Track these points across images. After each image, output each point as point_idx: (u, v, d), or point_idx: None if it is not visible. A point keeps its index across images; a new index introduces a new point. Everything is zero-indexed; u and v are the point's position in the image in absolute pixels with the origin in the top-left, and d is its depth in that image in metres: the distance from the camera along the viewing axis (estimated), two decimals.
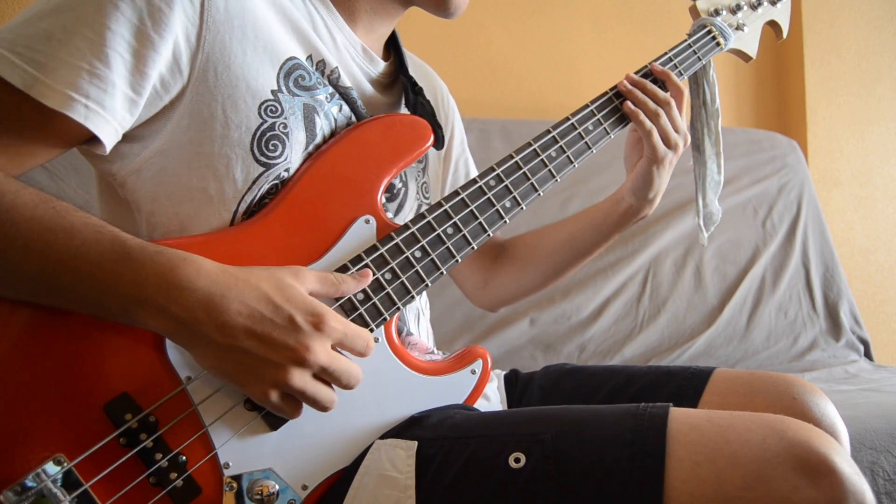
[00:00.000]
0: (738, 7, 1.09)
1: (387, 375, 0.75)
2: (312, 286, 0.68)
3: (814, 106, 2.37)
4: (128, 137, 0.72)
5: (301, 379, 0.64)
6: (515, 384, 1.03)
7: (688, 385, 0.91)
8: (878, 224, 2.44)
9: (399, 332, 0.84)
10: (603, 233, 1.04)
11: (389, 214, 0.88)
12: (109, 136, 0.68)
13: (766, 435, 0.62)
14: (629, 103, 0.95)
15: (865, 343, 2.04)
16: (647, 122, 0.94)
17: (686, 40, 1.04)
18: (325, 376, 0.66)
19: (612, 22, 2.20)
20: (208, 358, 0.64)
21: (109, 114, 0.67)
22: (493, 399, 0.98)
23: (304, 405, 0.68)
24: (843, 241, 2.35)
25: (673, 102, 0.96)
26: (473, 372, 0.81)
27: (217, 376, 0.66)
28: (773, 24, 1.15)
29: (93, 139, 0.68)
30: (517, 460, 0.66)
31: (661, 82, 0.99)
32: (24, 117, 0.65)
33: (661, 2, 2.23)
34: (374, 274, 0.75)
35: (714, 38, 1.05)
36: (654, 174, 0.97)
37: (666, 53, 1.02)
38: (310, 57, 0.80)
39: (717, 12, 1.08)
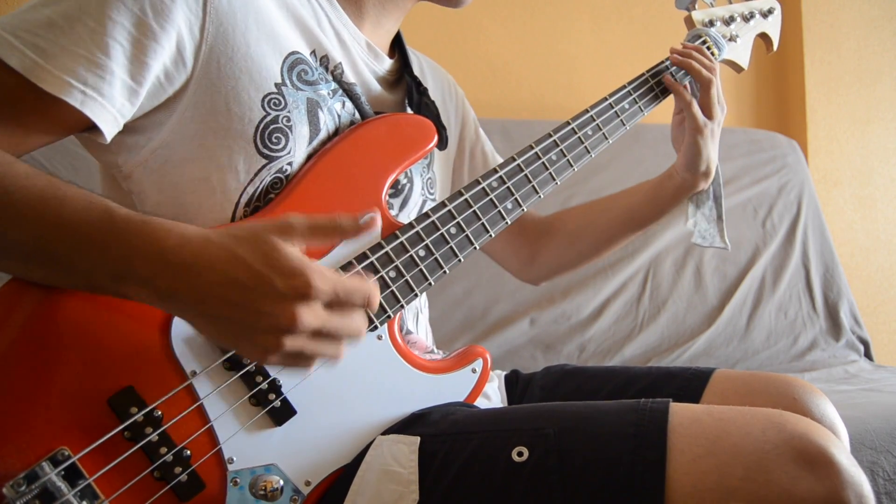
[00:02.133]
0: (732, 19, 1.13)
1: (390, 373, 0.76)
2: (300, 228, 0.62)
3: (814, 106, 2.37)
4: (132, 129, 0.72)
5: (294, 343, 0.60)
6: (516, 384, 1.04)
7: (688, 386, 0.92)
8: (878, 224, 2.45)
9: (400, 330, 0.85)
10: (660, 207, 1.08)
11: (393, 210, 0.89)
12: (108, 124, 0.69)
13: (766, 428, 0.63)
14: (669, 75, 1.03)
15: (865, 343, 2.04)
16: (687, 95, 1.01)
17: None
18: (325, 335, 0.62)
19: (612, 22, 2.21)
20: (203, 328, 0.63)
21: (108, 101, 0.67)
22: (493, 399, 0.99)
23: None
24: (843, 241, 2.35)
25: (712, 77, 1.03)
26: (474, 371, 0.82)
27: (220, 345, 0.66)
28: (763, 37, 1.19)
29: (92, 128, 0.69)
30: (520, 454, 0.66)
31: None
32: (23, 101, 0.66)
33: (661, 2, 2.24)
34: (380, 272, 0.76)
35: (708, 48, 1.09)
36: (700, 145, 1.02)
37: (664, 61, 1.05)
38: (313, 52, 0.81)
39: (711, 23, 1.11)
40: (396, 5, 0.90)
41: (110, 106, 0.68)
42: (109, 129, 0.69)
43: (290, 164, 0.77)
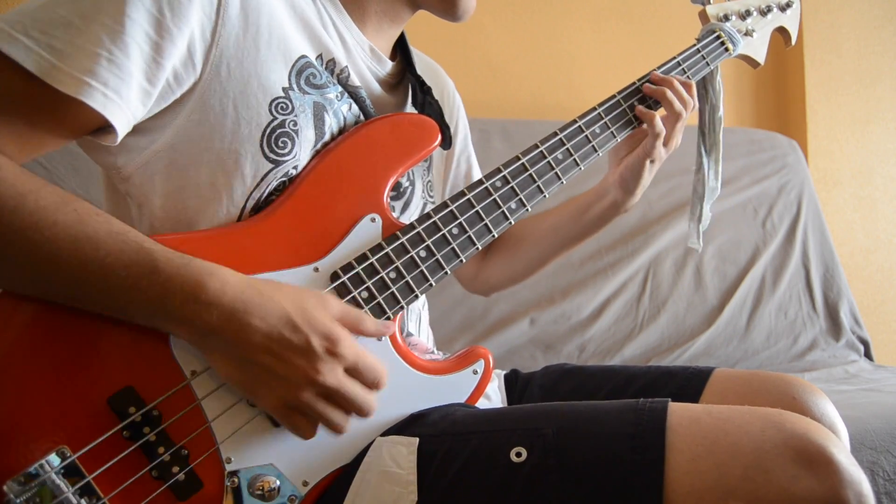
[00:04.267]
0: (748, 13, 1.10)
1: (390, 374, 0.75)
2: (334, 313, 0.69)
3: (814, 106, 2.37)
4: (135, 130, 0.71)
5: (309, 397, 0.66)
6: (515, 384, 1.03)
7: (687, 385, 0.92)
8: (878, 224, 2.44)
9: (401, 332, 0.84)
10: (586, 226, 1.06)
11: (395, 213, 0.89)
12: (123, 126, 0.68)
13: (765, 427, 0.63)
14: (640, 107, 0.97)
15: (865, 343, 2.04)
16: (659, 125, 0.96)
17: (695, 45, 1.05)
18: (337, 399, 0.68)
19: (612, 22, 2.20)
20: (225, 367, 0.66)
21: (125, 103, 0.66)
22: (493, 399, 0.98)
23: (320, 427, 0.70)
24: (843, 241, 2.35)
25: (692, 105, 0.99)
26: (475, 372, 0.81)
27: (231, 384, 0.68)
28: (781, 31, 1.16)
29: (102, 129, 0.68)
30: (519, 454, 0.66)
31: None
32: (38, 104, 0.64)
33: (661, 2, 2.24)
34: (379, 273, 0.76)
35: (723, 43, 1.06)
36: (646, 169, 0.99)
37: (675, 58, 1.03)
38: (320, 56, 0.80)
39: (726, 17, 1.09)
40: (397, 13, 0.89)
41: (126, 108, 0.67)
42: (123, 130, 0.68)
43: (295, 167, 0.76)
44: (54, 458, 0.62)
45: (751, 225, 2.06)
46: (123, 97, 0.66)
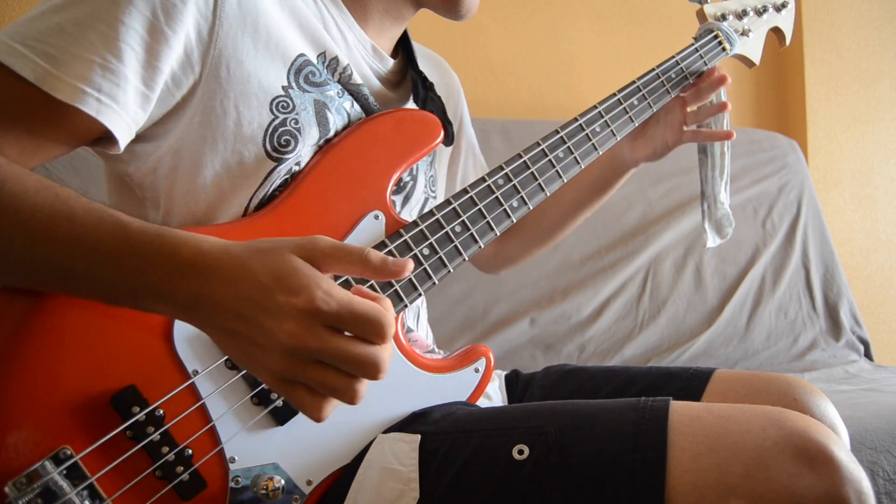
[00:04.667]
0: (745, 13, 1.11)
1: (393, 372, 0.76)
2: (323, 248, 0.59)
3: (814, 106, 2.37)
4: (141, 137, 0.72)
5: (296, 364, 0.56)
6: (516, 384, 1.04)
7: (688, 386, 0.92)
8: (878, 224, 2.45)
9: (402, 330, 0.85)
10: (603, 192, 1.12)
11: (396, 207, 0.89)
12: (122, 132, 0.68)
13: (766, 425, 0.63)
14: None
15: (865, 343, 2.04)
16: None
17: (693, 44, 1.06)
18: (330, 361, 0.56)
19: (612, 22, 2.21)
20: (219, 342, 0.61)
21: (122, 108, 0.67)
22: (494, 399, 0.99)
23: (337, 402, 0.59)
24: (843, 241, 2.35)
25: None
26: (476, 370, 0.82)
27: (238, 363, 0.63)
28: (776, 31, 1.17)
29: (105, 137, 0.68)
30: (521, 452, 0.66)
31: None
32: (36, 111, 0.65)
33: (661, 2, 2.24)
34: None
35: (720, 42, 1.07)
36: (679, 143, 1.07)
37: (673, 57, 1.03)
38: (322, 54, 0.80)
39: (723, 17, 1.09)
40: (399, 12, 0.90)
41: (125, 114, 0.67)
42: (124, 137, 0.68)
43: (297, 164, 0.77)
44: (57, 459, 0.61)
45: (751, 225, 2.06)
46: (120, 102, 0.66)
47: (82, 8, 0.66)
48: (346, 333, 0.56)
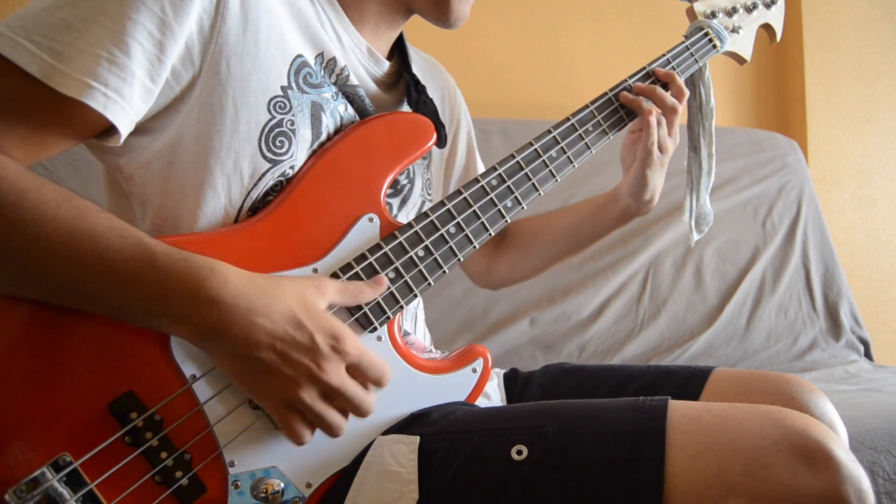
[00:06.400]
0: (734, 10, 1.11)
1: (391, 374, 0.76)
2: (333, 297, 0.70)
3: (814, 106, 2.37)
4: (137, 130, 0.71)
5: (310, 396, 0.66)
6: (515, 383, 1.04)
7: (687, 384, 0.92)
8: (878, 224, 2.44)
9: (399, 331, 0.85)
10: (602, 227, 1.07)
11: (393, 210, 0.89)
12: (125, 127, 0.68)
13: (765, 424, 0.63)
14: (626, 93, 0.97)
15: (865, 343, 2.04)
16: (652, 120, 0.96)
17: (683, 42, 1.06)
18: (337, 399, 0.68)
19: (612, 22, 2.20)
20: (226, 364, 0.66)
21: (127, 103, 0.67)
22: (493, 398, 0.99)
23: (317, 431, 0.69)
24: (843, 241, 2.35)
25: (678, 108, 0.98)
26: (474, 370, 0.82)
27: (233, 382, 0.67)
28: (767, 28, 1.17)
29: (107, 131, 0.68)
30: (519, 452, 0.66)
31: (664, 84, 1.00)
32: (41, 107, 0.65)
33: (660, 2, 2.24)
34: (379, 273, 0.76)
35: (710, 40, 1.07)
36: (647, 176, 0.98)
37: (664, 55, 1.04)
38: (320, 55, 0.81)
39: (713, 14, 1.10)
40: (393, 18, 0.90)
41: (129, 108, 0.67)
42: (126, 131, 0.69)
43: (292, 167, 0.77)
44: (56, 466, 0.61)
45: (751, 225, 2.06)
46: (125, 97, 0.66)
47: (89, 4, 0.65)
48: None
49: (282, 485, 0.69)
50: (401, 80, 0.94)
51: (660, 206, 1.98)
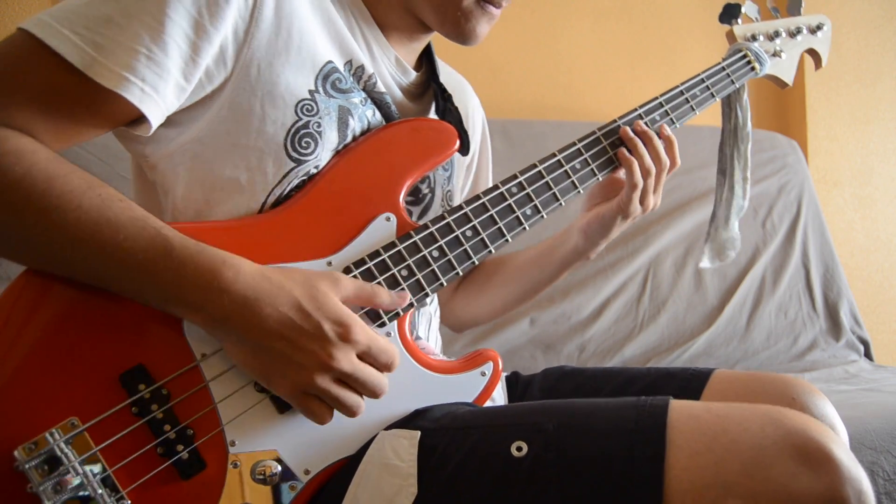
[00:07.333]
0: (776, 34, 1.11)
1: (398, 370, 0.76)
2: (348, 293, 0.72)
3: (814, 106, 2.37)
4: (166, 121, 0.74)
5: (324, 382, 0.68)
6: (516, 386, 1.04)
7: (687, 386, 0.92)
8: (878, 224, 2.44)
9: (410, 331, 0.85)
10: (550, 269, 1.04)
11: (413, 217, 0.90)
12: (157, 120, 0.71)
13: (765, 424, 0.63)
14: (624, 150, 0.92)
15: (865, 343, 2.04)
16: (638, 174, 0.92)
17: (720, 63, 1.05)
18: (351, 383, 0.70)
19: (612, 22, 2.21)
20: (238, 353, 0.68)
21: (161, 98, 0.69)
22: (497, 399, 0.98)
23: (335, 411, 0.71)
24: (843, 241, 2.35)
25: (668, 165, 0.94)
26: (483, 374, 0.82)
27: (245, 371, 0.69)
28: (812, 53, 1.16)
29: (136, 121, 0.71)
30: (519, 449, 0.66)
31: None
32: (78, 97, 0.68)
33: (660, 2, 2.24)
34: (391, 270, 0.77)
35: (749, 62, 1.06)
36: (616, 224, 0.96)
37: (699, 75, 1.02)
38: (349, 62, 0.82)
39: (753, 38, 1.09)
40: (413, 32, 0.90)
41: (162, 103, 0.70)
42: (156, 124, 0.71)
43: (316, 167, 0.78)
44: (64, 428, 0.65)
45: (751, 225, 2.06)
46: (160, 92, 0.69)
47: (132, 0, 0.68)
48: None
49: (279, 468, 0.71)
50: (428, 90, 0.95)
51: (660, 206, 1.98)
